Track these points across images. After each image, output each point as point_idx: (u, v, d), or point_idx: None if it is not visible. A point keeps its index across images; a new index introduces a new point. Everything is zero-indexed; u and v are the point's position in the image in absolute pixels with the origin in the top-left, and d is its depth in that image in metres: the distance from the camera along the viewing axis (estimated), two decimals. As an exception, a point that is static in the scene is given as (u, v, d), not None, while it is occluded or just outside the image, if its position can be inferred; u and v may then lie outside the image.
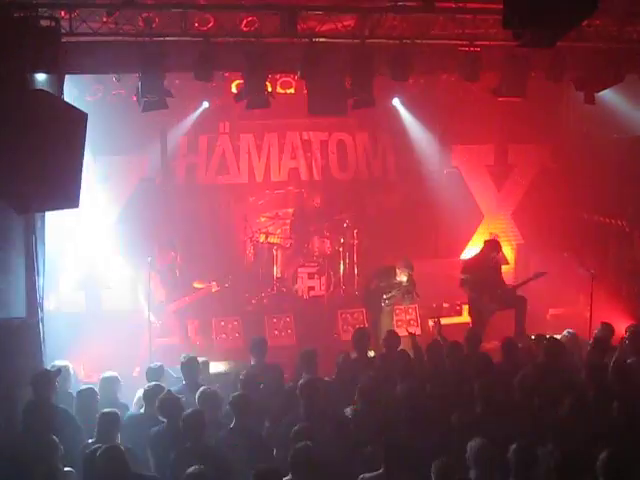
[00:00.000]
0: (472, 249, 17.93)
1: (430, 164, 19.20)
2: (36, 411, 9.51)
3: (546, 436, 8.51)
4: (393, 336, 12.08)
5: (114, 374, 10.81)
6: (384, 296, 14.90)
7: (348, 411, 9.62)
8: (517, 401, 9.89)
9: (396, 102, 18.42)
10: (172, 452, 8.61)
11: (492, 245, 15.32)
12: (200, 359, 11.23)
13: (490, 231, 18.92)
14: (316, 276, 17.50)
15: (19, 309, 11.93)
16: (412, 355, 11.58)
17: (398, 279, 14.81)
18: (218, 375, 11.81)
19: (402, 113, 18.57)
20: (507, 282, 15.36)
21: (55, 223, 13.88)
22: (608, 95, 14.91)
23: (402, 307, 16.19)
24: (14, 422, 9.79)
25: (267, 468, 7.62)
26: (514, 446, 7.69)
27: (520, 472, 7.60)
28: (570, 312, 16.74)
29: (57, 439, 8.59)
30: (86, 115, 10.74)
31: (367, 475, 7.93)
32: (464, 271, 14.99)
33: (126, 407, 10.31)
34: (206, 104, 17.61)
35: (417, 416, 8.99)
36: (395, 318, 15.89)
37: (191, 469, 7.58)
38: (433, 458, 7.64)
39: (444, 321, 16.71)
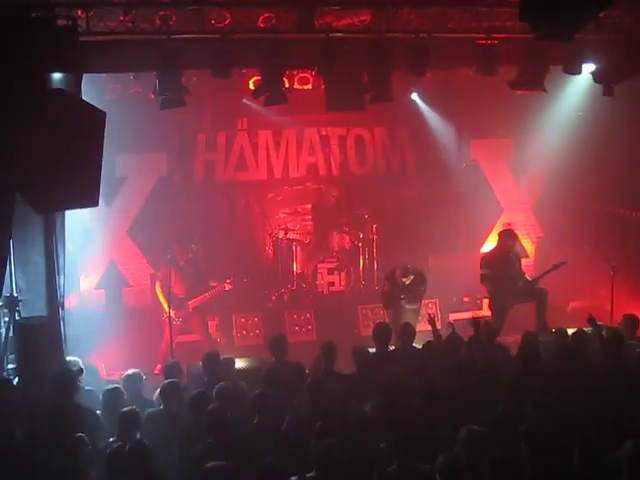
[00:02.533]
0: (492, 243, 17.86)
1: (449, 158, 19.13)
2: (58, 410, 9.57)
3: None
4: (409, 329, 12.09)
5: (137, 371, 10.84)
6: (401, 295, 14.87)
7: (367, 407, 9.63)
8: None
9: (415, 97, 18.37)
10: (196, 447, 8.64)
11: (507, 235, 15.25)
12: (225, 357, 11.27)
13: (504, 222, 18.81)
14: (336, 272, 17.52)
15: (40, 308, 11.99)
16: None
17: (404, 281, 14.75)
18: (239, 371, 11.80)
19: (421, 107, 18.52)
20: (527, 275, 15.28)
21: (75, 222, 13.96)
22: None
23: (422, 302, 16.12)
24: (37, 422, 9.80)
25: (271, 464, 7.62)
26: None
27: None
28: (591, 305, 16.64)
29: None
30: (104, 114, 10.78)
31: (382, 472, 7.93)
32: (483, 266, 14.92)
33: (151, 404, 10.34)
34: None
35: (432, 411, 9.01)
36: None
37: (211, 464, 7.59)
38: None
39: (464, 315, 16.82)
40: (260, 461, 7.71)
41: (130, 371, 10.88)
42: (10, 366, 11.62)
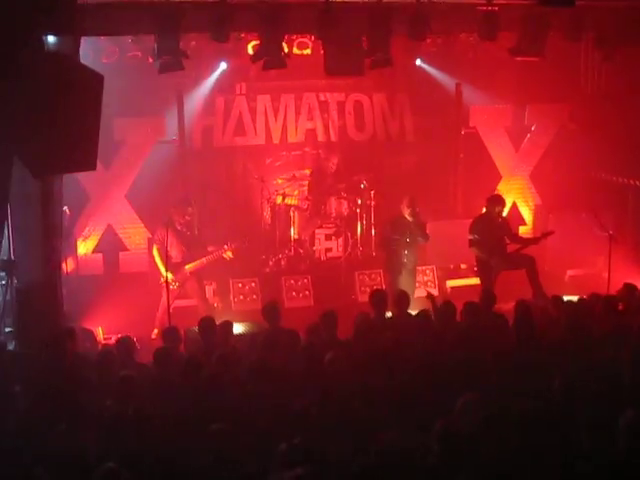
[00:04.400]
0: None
1: (447, 125, 19.08)
2: (50, 373, 9.63)
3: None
4: (403, 296, 12.10)
5: (129, 337, 10.88)
6: (405, 252, 14.93)
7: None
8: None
9: (419, 62, 18.31)
10: (191, 412, 8.67)
11: (495, 200, 15.16)
12: (222, 321, 11.28)
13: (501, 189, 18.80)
14: (333, 237, 17.47)
15: (37, 272, 11.99)
16: (433, 316, 11.60)
17: (406, 220, 14.86)
18: (236, 336, 11.82)
19: (421, 73, 18.46)
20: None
21: (72, 185, 13.94)
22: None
23: (420, 268, 16.17)
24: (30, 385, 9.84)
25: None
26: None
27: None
28: (588, 273, 16.71)
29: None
30: (102, 77, 10.71)
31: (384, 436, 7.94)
32: (472, 231, 14.89)
33: (146, 368, 10.35)
34: (224, 65, 17.54)
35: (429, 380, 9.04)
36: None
37: (214, 426, 7.63)
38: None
39: (461, 282, 16.85)
40: (255, 426, 7.75)
41: (122, 336, 10.93)
42: (7, 329, 11.66)
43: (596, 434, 7.50)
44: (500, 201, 15.13)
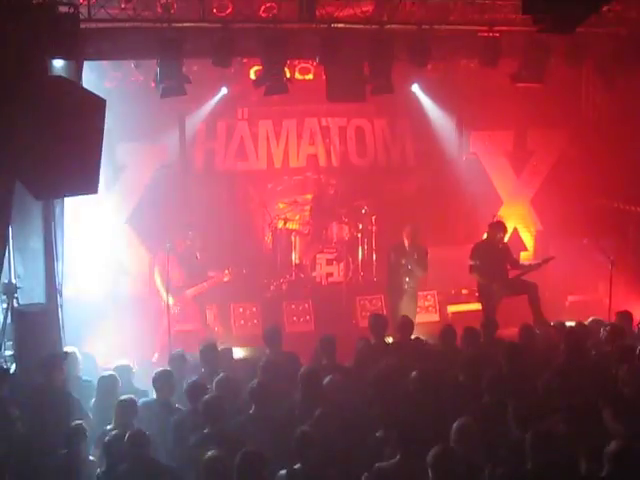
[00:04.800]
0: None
1: (449, 150, 19.11)
2: (43, 395, 9.64)
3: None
4: (406, 322, 12.08)
5: (126, 363, 10.91)
6: (406, 279, 14.93)
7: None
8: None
9: (415, 88, 18.33)
10: (192, 437, 8.66)
11: (496, 227, 15.13)
12: (222, 346, 11.28)
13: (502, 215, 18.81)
14: (334, 262, 17.48)
15: (38, 295, 11.99)
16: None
17: (407, 248, 14.87)
18: (237, 361, 11.81)
19: (421, 99, 18.50)
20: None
21: (74, 209, 13.95)
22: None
23: (421, 293, 16.15)
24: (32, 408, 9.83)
25: (253, 452, 7.62)
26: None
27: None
28: (589, 299, 16.68)
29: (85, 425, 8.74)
30: (105, 101, 10.75)
31: (383, 464, 7.91)
32: (473, 257, 14.84)
33: (144, 393, 10.35)
34: (225, 90, 17.58)
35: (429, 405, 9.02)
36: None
37: (209, 453, 7.61)
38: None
39: (462, 308, 16.82)
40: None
41: (119, 362, 10.96)
42: (7, 353, 11.63)
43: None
44: (502, 227, 15.10)
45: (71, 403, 9.83)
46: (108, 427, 9.14)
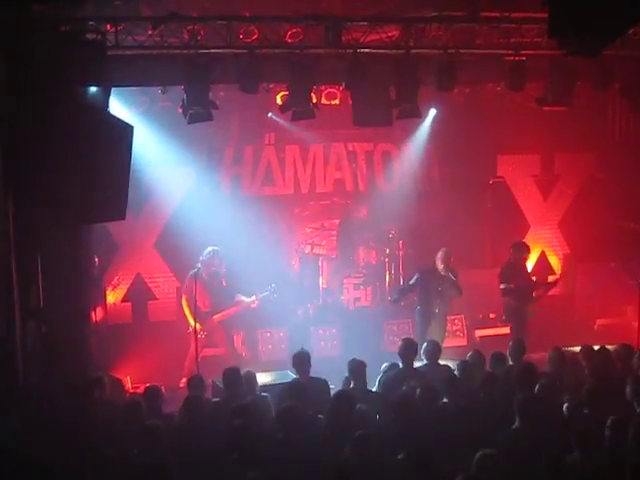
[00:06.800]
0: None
1: (475, 174, 19.08)
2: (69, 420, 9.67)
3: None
4: (434, 346, 12.02)
5: (156, 386, 10.88)
6: (437, 301, 14.90)
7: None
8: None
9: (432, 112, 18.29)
10: (221, 463, 8.64)
11: (518, 247, 15.28)
12: (246, 370, 11.25)
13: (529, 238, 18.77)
14: (362, 287, 17.49)
15: (67, 321, 12.04)
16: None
17: (439, 271, 14.81)
18: (264, 387, 11.79)
19: (449, 123, 18.51)
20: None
21: (102, 234, 14.02)
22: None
23: (449, 317, 16.12)
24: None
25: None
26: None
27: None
28: (618, 323, 16.58)
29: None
30: (132, 127, 10.83)
31: None
32: (503, 280, 14.95)
33: (171, 418, 10.33)
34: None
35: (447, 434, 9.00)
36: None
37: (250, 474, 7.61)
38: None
39: (490, 332, 16.76)
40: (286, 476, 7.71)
41: (149, 386, 10.94)
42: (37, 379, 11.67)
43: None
44: (526, 248, 15.19)
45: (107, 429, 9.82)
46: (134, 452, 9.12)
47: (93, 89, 11.93)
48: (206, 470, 8.82)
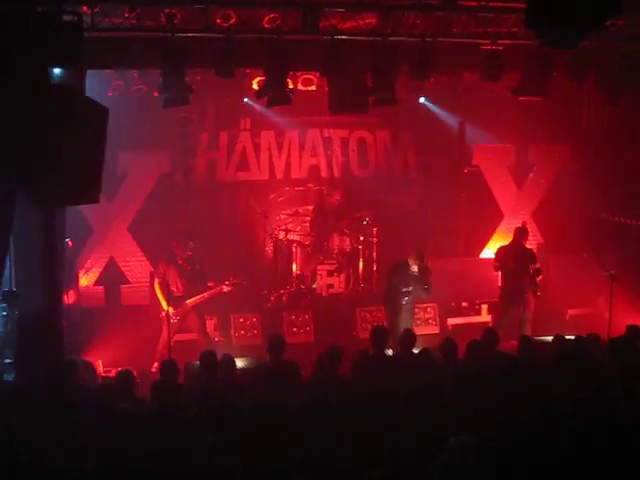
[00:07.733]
0: (491, 248, 17.92)
1: (451, 163, 19.12)
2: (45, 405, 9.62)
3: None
4: (409, 334, 12.04)
5: (129, 370, 10.84)
6: (404, 292, 14.87)
7: None
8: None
9: (423, 100, 18.44)
10: (196, 447, 8.63)
11: (522, 232, 15.71)
12: (223, 354, 11.23)
13: (504, 228, 18.89)
14: (335, 274, 17.50)
15: (39, 303, 11.98)
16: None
17: (412, 271, 14.75)
18: (239, 370, 11.77)
19: (425, 111, 18.55)
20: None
21: (75, 218, 13.95)
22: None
23: (421, 306, 16.19)
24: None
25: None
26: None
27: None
28: (589, 313, 16.67)
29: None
30: (107, 110, 10.77)
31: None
32: (497, 260, 15.64)
33: (144, 402, 10.31)
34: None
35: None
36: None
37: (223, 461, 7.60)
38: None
39: (463, 320, 16.85)
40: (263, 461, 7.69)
41: (122, 370, 10.89)
42: (7, 361, 11.64)
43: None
44: (527, 233, 16.09)
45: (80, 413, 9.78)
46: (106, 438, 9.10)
47: (68, 71, 11.85)
48: (178, 455, 8.82)
